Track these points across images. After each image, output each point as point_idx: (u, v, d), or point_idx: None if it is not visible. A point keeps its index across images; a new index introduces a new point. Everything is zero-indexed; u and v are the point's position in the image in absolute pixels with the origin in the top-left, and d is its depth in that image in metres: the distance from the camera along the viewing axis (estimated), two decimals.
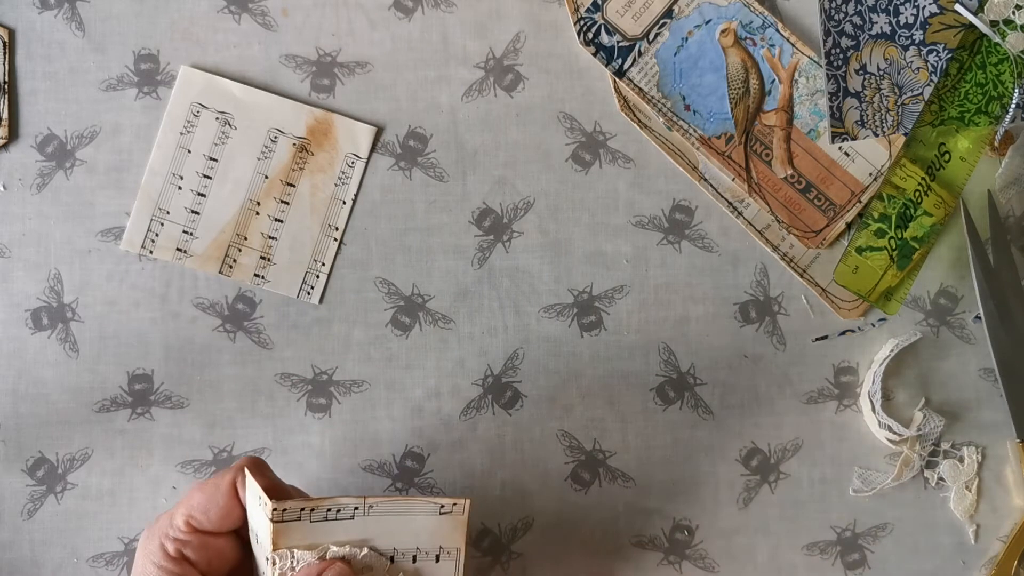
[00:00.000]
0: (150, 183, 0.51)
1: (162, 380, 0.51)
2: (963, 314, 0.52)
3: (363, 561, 0.40)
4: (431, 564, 0.41)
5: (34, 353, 0.51)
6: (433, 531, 0.40)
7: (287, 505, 0.38)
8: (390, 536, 0.40)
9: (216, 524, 0.40)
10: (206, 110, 0.51)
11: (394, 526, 0.40)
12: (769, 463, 0.51)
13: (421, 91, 0.52)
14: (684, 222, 0.52)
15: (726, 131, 0.51)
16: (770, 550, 0.51)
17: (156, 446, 0.51)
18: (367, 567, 0.40)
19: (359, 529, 0.40)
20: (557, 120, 0.52)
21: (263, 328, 0.51)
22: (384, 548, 0.40)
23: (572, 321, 0.51)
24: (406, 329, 0.51)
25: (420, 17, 0.51)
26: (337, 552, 0.40)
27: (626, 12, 0.51)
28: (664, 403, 0.51)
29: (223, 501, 0.40)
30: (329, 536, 0.39)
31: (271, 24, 0.51)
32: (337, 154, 0.51)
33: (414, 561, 0.41)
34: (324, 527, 0.39)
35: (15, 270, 0.51)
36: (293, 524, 0.39)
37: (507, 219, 0.52)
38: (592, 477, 0.51)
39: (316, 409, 0.51)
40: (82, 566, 0.50)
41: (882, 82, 0.51)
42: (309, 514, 0.39)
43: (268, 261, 0.51)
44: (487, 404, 0.51)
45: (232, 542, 0.41)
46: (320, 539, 0.39)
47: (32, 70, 0.51)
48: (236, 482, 0.40)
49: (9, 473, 0.50)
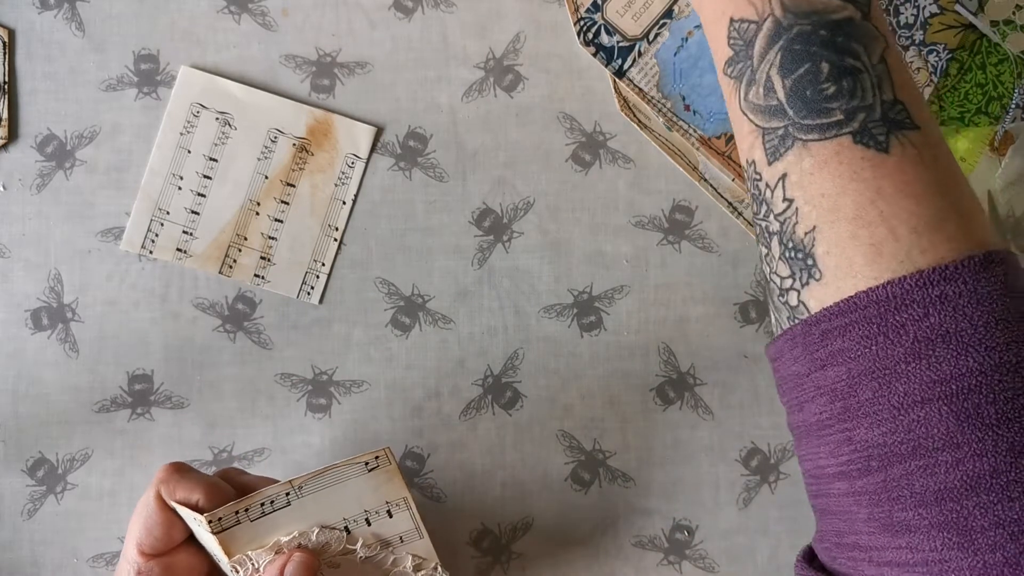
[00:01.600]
0: (150, 183, 0.51)
1: (162, 380, 0.51)
2: None
3: (319, 541, 0.40)
4: (387, 521, 0.41)
5: (34, 353, 0.51)
6: (372, 490, 0.40)
7: (220, 513, 0.38)
8: (334, 509, 0.40)
9: (164, 542, 0.40)
10: (206, 110, 0.51)
11: (333, 498, 0.40)
12: (769, 463, 0.51)
13: (421, 91, 0.51)
14: (684, 222, 0.52)
15: (726, 131, 0.51)
16: (770, 550, 0.51)
17: (156, 446, 0.51)
18: (325, 545, 0.40)
19: (301, 513, 0.39)
20: (557, 120, 0.52)
21: (263, 328, 0.51)
22: (334, 522, 0.40)
23: (572, 321, 0.51)
24: (406, 329, 0.51)
25: (420, 17, 0.51)
26: (288, 541, 0.39)
27: (626, 12, 0.51)
28: (664, 403, 0.51)
29: (157, 518, 0.39)
30: (278, 529, 0.39)
31: (271, 24, 0.51)
32: (337, 154, 0.51)
33: (369, 524, 0.40)
34: (268, 522, 0.39)
35: (15, 270, 0.51)
36: (236, 529, 0.39)
37: (507, 219, 0.52)
38: (592, 477, 0.51)
39: (316, 409, 0.51)
40: (82, 566, 0.50)
41: None
42: (245, 514, 0.39)
43: (268, 261, 0.51)
44: (487, 404, 0.51)
45: (196, 555, 0.41)
46: (269, 535, 0.39)
47: (32, 70, 0.51)
48: (161, 494, 0.40)
49: (9, 473, 0.50)
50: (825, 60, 0.32)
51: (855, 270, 0.31)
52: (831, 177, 0.32)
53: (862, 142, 0.32)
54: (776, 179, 0.33)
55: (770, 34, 0.34)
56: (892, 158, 0.31)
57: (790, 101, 0.33)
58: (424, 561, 0.41)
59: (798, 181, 0.32)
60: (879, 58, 0.33)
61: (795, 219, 0.33)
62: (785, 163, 0.33)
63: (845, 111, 0.32)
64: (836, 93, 0.32)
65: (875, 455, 0.30)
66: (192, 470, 0.41)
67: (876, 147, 0.32)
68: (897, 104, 0.32)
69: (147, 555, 0.40)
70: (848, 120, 0.32)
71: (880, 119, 0.32)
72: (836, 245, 0.31)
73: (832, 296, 0.31)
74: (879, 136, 0.32)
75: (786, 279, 0.33)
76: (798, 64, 0.33)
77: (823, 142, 0.32)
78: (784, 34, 0.33)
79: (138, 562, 0.39)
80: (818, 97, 0.32)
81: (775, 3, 0.34)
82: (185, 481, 0.39)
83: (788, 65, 0.33)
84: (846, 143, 0.32)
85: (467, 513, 0.51)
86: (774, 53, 0.33)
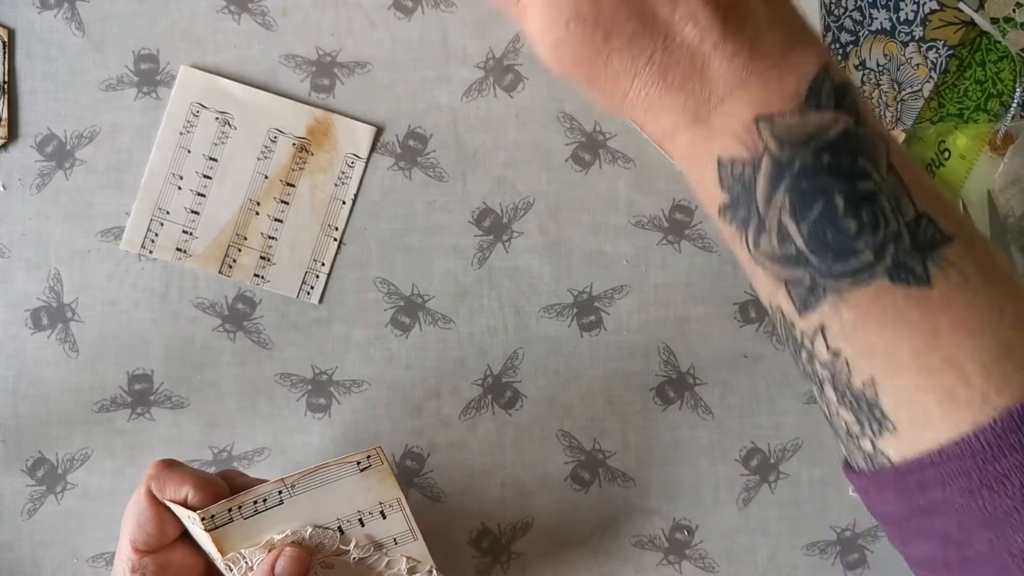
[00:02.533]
0: (150, 183, 0.51)
1: (162, 380, 0.51)
2: None
3: (312, 541, 0.40)
4: (380, 522, 0.40)
5: (34, 353, 0.51)
6: (365, 490, 0.40)
7: (214, 511, 0.38)
8: (327, 509, 0.40)
9: (157, 538, 0.40)
10: (206, 110, 0.51)
11: (326, 498, 0.39)
12: (769, 463, 0.51)
13: (421, 91, 0.51)
14: (684, 222, 0.52)
15: None
16: (770, 550, 0.51)
17: (156, 446, 0.51)
18: (319, 545, 0.40)
19: (295, 512, 0.39)
20: (557, 120, 0.52)
21: (263, 328, 0.51)
22: (328, 522, 0.40)
23: (572, 321, 0.51)
24: (406, 329, 0.51)
25: (420, 17, 0.51)
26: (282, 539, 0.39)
27: None
28: (664, 403, 0.51)
29: (148, 514, 0.39)
30: (271, 528, 0.39)
31: (271, 24, 0.51)
32: (337, 154, 0.51)
33: (362, 525, 0.40)
34: (262, 520, 0.39)
35: (15, 270, 0.51)
36: (229, 527, 0.39)
37: (507, 219, 0.51)
38: (592, 477, 0.51)
39: (316, 409, 0.51)
40: (82, 566, 0.50)
41: (881, 78, 0.50)
42: (238, 512, 0.39)
43: (268, 261, 0.51)
44: (487, 404, 0.51)
45: (191, 552, 0.41)
46: (262, 533, 0.39)
47: (32, 70, 0.51)
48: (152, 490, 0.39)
49: (9, 473, 0.50)
50: (838, 192, 0.29)
51: (932, 422, 0.28)
52: (878, 327, 0.29)
53: (901, 280, 0.29)
54: (814, 330, 0.30)
55: (771, 174, 0.30)
56: (936, 290, 0.29)
57: (811, 248, 0.29)
58: (419, 563, 0.41)
59: (840, 333, 0.29)
60: (887, 166, 0.30)
61: (847, 370, 0.30)
62: (820, 315, 0.30)
63: (873, 248, 0.29)
64: (859, 230, 0.29)
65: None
66: (182, 465, 0.40)
67: (917, 282, 0.29)
68: (922, 219, 0.29)
69: (141, 551, 0.40)
70: (879, 258, 0.29)
71: (911, 247, 0.29)
72: (904, 398, 0.29)
73: (913, 448, 0.29)
74: (916, 269, 0.29)
75: (852, 425, 0.31)
76: (811, 204, 0.29)
77: (859, 289, 0.29)
78: (787, 171, 0.30)
79: (132, 559, 0.39)
80: (841, 238, 0.29)
81: (767, 137, 0.30)
82: (174, 476, 0.39)
83: (800, 208, 0.30)
84: (884, 285, 0.29)
85: (467, 513, 0.51)
86: (781, 196, 0.30)
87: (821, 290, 0.29)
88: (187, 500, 0.39)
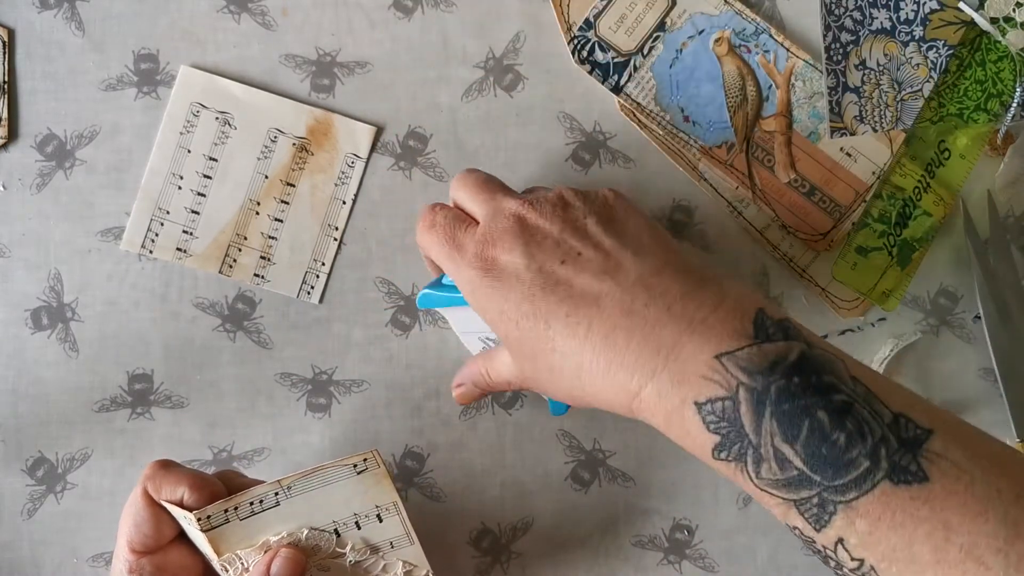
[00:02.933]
0: (150, 183, 0.51)
1: (162, 380, 0.51)
2: (963, 314, 0.52)
3: (308, 543, 0.40)
4: (376, 526, 0.40)
5: (34, 353, 0.51)
6: (362, 493, 0.40)
7: (209, 511, 0.38)
8: (323, 511, 0.40)
9: (155, 539, 0.39)
10: (206, 110, 0.51)
11: (322, 500, 0.39)
12: None
13: (421, 91, 0.52)
14: (684, 222, 0.52)
15: (727, 140, 0.51)
16: (770, 550, 0.51)
17: (156, 446, 0.51)
18: (315, 548, 0.40)
19: (291, 513, 0.39)
20: (557, 120, 0.52)
21: (263, 328, 0.51)
22: (324, 524, 0.40)
23: None
24: (406, 329, 0.51)
25: (420, 17, 0.52)
26: (278, 541, 0.39)
27: (619, 28, 0.51)
28: None
29: (145, 515, 0.39)
30: (267, 529, 0.39)
31: (271, 24, 0.51)
32: (337, 154, 0.51)
33: (359, 528, 0.40)
34: (258, 522, 0.39)
35: (15, 270, 0.51)
36: (225, 528, 0.39)
37: None
38: (592, 477, 0.51)
39: (316, 409, 0.51)
40: (82, 566, 0.50)
41: (881, 78, 0.51)
42: (235, 512, 0.39)
43: (268, 261, 0.51)
44: (487, 404, 0.51)
45: (189, 554, 0.41)
46: (259, 535, 0.39)
47: (32, 70, 0.51)
48: (148, 491, 0.39)
49: (9, 473, 0.50)
50: (819, 408, 0.31)
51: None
52: (893, 530, 0.30)
53: (902, 481, 0.30)
54: (833, 543, 0.31)
55: (753, 404, 0.32)
56: (937, 484, 0.30)
57: (811, 467, 0.31)
58: (415, 568, 0.41)
59: (860, 543, 0.31)
60: (849, 376, 0.32)
61: (875, 574, 0.31)
62: (836, 529, 0.31)
63: (867, 455, 0.30)
64: (848, 440, 0.31)
65: None
66: (179, 466, 0.40)
67: (917, 481, 0.30)
68: (900, 419, 0.31)
69: (138, 552, 0.39)
70: (875, 464, 0.30)
71: (899, 447, 0.31)
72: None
73: None
74: (912, 468, 0.30)
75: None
76: (799, 424, 0.31)
77: (866, 497, 0.30)
78: (766, 398, 0.31)
79: (129, 559, 0.39)
80: (836, 452, 0.31)
81: (735, 371, 0.32)
82: (170, 476, 0.39)
83: (790, 429, 0.31)
84: (887, 489, 0.30)
85: (467, 513, 0.51)
86: (768, 422, 0.31)
87: (831, 505, 0.31)
88: (183, 500, 0.39)
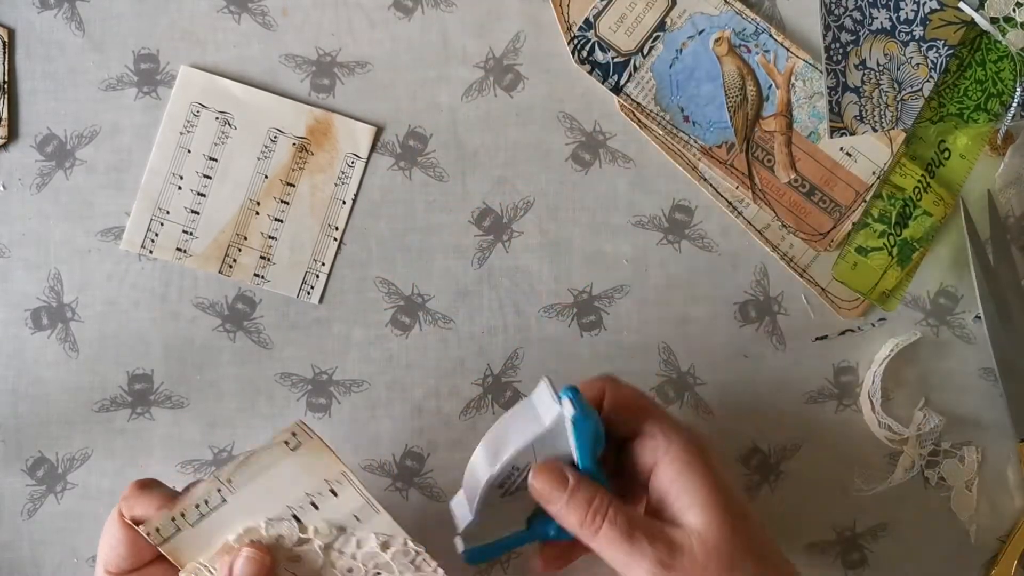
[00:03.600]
0: (150, 183, 0.51)
1: (162, 380, 0.51)
2: (963, 314, 0.52)
3: (270, 535, 0.38)
4: (332, 501, 0.39)
5: (34, 353, 0.51)
6: (305, 470, 0.38)
7: (157, 524, 0.37)
8: (274, 498, 0.38)
9: (130, 560, 0.39)
10: (206, 110, 0.51)
11: (269, 487, 0.38)
12: (769, 463, 0.51)
13: (421, 91, 0.52)
14: (684, 222, 0.52)
15: (727, 140, 0.51)
16: None
17: (156, 446, 0.51)
18: (279, 539, 0.39)
19: (242, 508, 0.38)
20: (557, 120, 0.52)
21: (263, 328, 0.51)
22: (279, 512, 0.38)
23: (572, 321, 0.51)
24: (406, 329, 0.51)
25: (420, 17, 0.52)
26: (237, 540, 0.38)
27: (619, 28, 0.51)
28: (664, 403, 0.51)
29: (119, 536, 0.38)
30: (223, 529, 0.38)
31: (271, 24, 0.51)
32: (337, 154, 0.51)
33: (316, 508, 0.39)
34: (211, 524, 0.38)
35: (15, 270, 0.51)
36: (179, 537, 0.37)
37: (507, 219, 0.51)
38: None
39: (316, 409, 0.51)
40: (82, 566, 0.50)
41: (881, 78, 0.51)
42: (183, 519, 0.37)
43: (268, 261, 0.51)
44: (487, 404, 0.51)
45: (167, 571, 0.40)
46: (216, 538, 0.38)
47: (32, 70, 0.51)
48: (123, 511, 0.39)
49: (9, 473, 0.50)
50: None
51: None
52: None
53: None
54: None
55: None
56: None
57: None
58: (391, 538, 0.39)
59: None
60: None
61: None
62: None
63: None
64: None
65: None
66: (159, 486, 0.40)
67: None
68: None
69: (112, 573, 0.39)
70: None
71: None
72: None
73: None
74: None
75: None
76: None
77: None
78: None
79: None
80: None
81: None
82: (145, 498, 0.38)
83: None
84: None
85: None
86: None
87: None
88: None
